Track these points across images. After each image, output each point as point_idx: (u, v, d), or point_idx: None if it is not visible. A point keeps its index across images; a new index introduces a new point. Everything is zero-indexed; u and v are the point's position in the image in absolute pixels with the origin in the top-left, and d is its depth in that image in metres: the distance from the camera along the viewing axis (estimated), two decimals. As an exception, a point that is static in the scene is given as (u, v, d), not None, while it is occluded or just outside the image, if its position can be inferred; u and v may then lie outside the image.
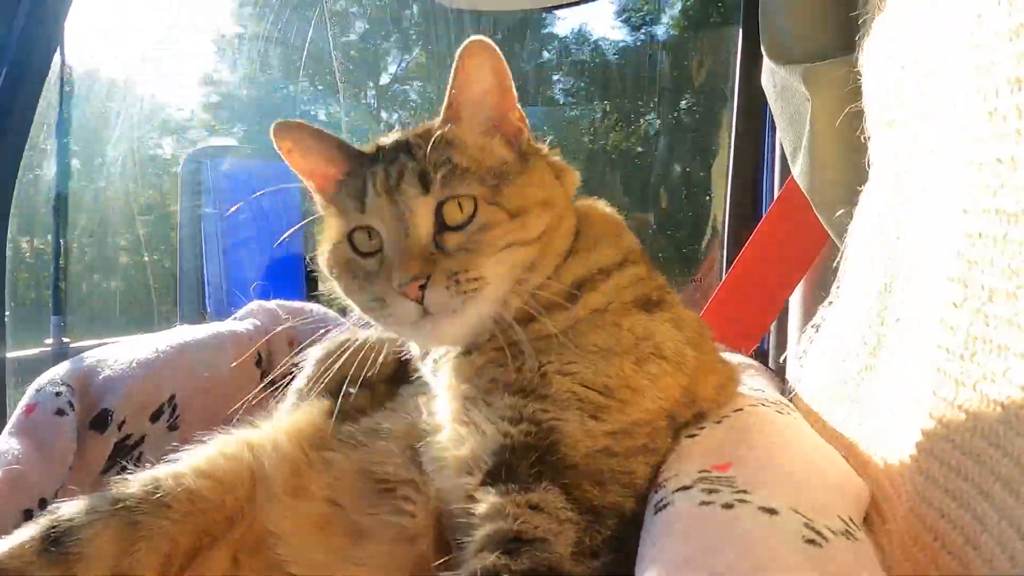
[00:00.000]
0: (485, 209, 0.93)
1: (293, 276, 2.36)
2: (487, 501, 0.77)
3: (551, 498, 0.76)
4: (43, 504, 1.06)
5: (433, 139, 0.95)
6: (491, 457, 0.83)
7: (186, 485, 0.95)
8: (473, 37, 0.94)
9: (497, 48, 0.96)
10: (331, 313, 1.66)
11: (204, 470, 0.98)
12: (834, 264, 1.27)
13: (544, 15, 4.29)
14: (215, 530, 0.96)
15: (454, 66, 0.96)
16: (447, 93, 0.98)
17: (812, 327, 1.29)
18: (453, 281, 0.89)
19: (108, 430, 1.20)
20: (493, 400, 0.89)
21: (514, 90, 1.01)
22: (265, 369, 1.59)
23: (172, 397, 1.32)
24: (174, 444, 1.03)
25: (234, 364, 1.48)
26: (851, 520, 0.68)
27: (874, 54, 1.09)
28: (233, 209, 2.34)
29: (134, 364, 1.28)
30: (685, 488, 0.70)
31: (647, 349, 0.91)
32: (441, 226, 0.93)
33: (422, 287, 0.88)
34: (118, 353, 1.30)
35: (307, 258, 1.14)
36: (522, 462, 0.80)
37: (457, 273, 0.89)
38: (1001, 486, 0.65)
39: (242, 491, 1.00)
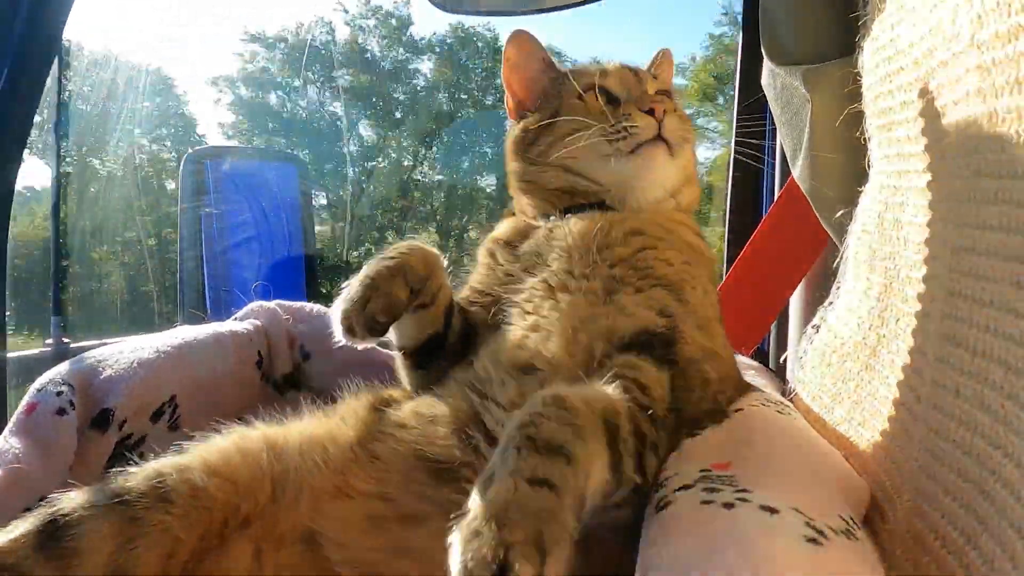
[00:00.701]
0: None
1: (294, 276, 2.36)
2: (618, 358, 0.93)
3: (662, 378, 0.90)
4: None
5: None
6: (631, 336, 0.97)
7: (191, 480, 0.92)
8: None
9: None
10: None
11: (216, 467, 0.95)
12: (834, 264, 1.27)
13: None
14: (225, 531, 0.94)
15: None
16: (653, 58, 1.42)
17: (812, 327, 1.29)
18: (679, 123, 1.19)
19: (109, 430, 1.20)
20: (637, 285, 1.05)
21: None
22: (265, 370, 1.59)
23: (173, 397, 1.32)
24: (175, 444, 1.01)
25: (234, 364, 1.49)
26: (852, 519, 0.68)
27: (874, 55, 1.09)
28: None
29: (135, 364, 1.28)
30: (686, 487, 0.70)
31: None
32: None
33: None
34: (119, 353, 1.29)
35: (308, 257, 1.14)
36: (653, 348, 0.94)
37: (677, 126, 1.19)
38: (1002, 486, 0.65)
39: (262, 496, 0.96)
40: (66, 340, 1.59)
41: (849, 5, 1.18)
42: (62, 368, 1.23)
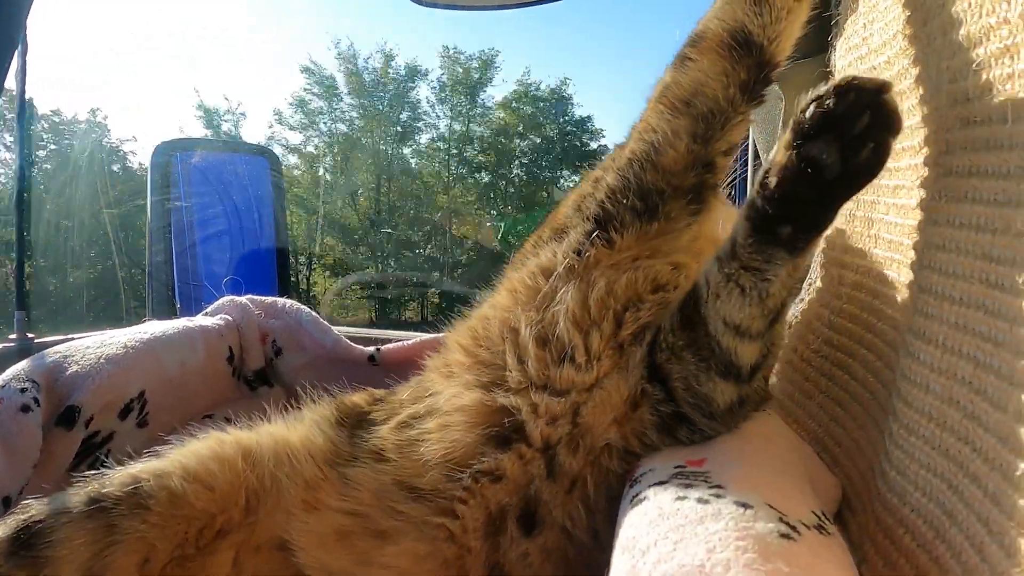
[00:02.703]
0: None
1: (265, 270, 2.33)
2: None
3: None
4: (7, 502, 1.04)
5: None
6: None
7: (170, 487, 0.90)
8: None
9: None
10: (305, 309, 1.65)
11: (195, 473, 0.93)
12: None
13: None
14: (201, 540, 0.92)
15: None
16: None
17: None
18: None
19: (75, 427, 1.18)
20: None
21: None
22: (236, 365, 1.57)
23: (141, 393, 1.30)
24: (151, 449, 0.99)
25: (204, 360, 1.46)
26: (824, 514, 0.68)
27: (846, 55, 1.10)
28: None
29: (102, 359, 1.25)
30: (661, 483, 0.71)
31: None
32: None
33: None
34: (85, 348, 1.27)
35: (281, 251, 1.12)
36: None
37: None
38: (970, 481, 0.66)
39: (238, 505, 0.94)
40: (30, 336, 1.55)
41: (822, 5, 1.19)
42: (26, 364, 1.20)
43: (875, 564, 0.78)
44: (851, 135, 0.68)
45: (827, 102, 0.69)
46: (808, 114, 0.71)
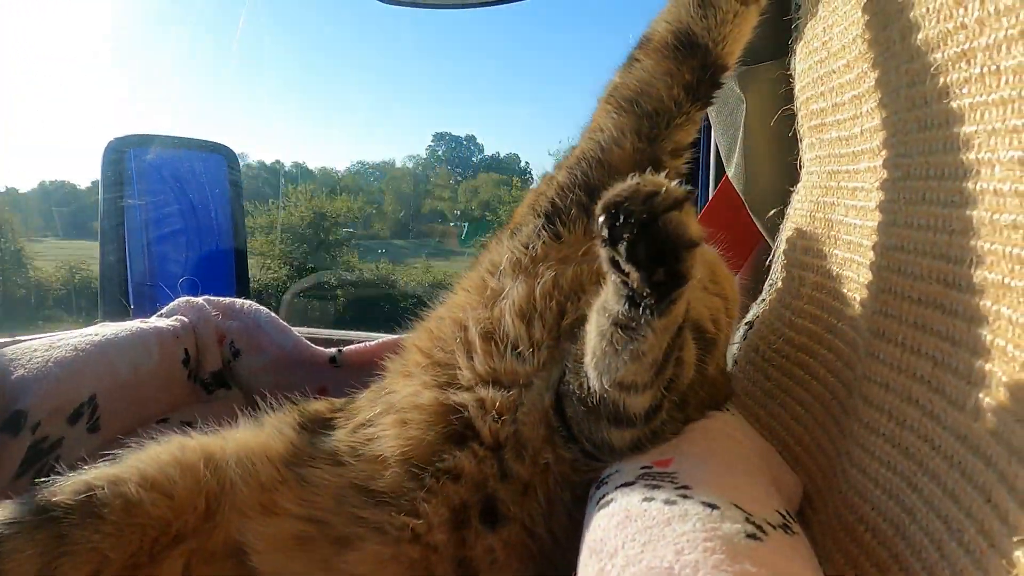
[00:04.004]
0: None
1: (223, 271, 2.28)
2: None
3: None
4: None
5: None
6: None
7: (126, 495, 0.86)
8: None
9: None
10: (263, 310, 1.62)
11: (153, 479, 0.89)
12: (767, 262, 1.30)
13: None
14: (155, 549, 0.88)
15: None
16: None
17: (745, 324, 1.32)
18: None
19: (21, 432, 1.13)
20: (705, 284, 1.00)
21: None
22: (193, 368, 1.53)
23: (92, 397, 1.26)
24: (108, 453, 0.94)
25: (159, 362, 1.42)
26: (788, 513, 0.69)
27: (806, 58, 1.12)
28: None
29: (50, 363, 1.21)
30: (628, 484, 0.70)
31: None
32: None
33: None
34: (32, 351, 1.22)
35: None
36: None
37: None
38: (929, 478, 0.67)
39: (196, 512, 0.91)
40: (-26, 338, 1.49)
41: (782, 8, 1.20)
42: (-31, 368, 1.16)
43: (837, 561, 0.79)
44: (637, 259, 0.63)
45: (601, 220, 0.63)
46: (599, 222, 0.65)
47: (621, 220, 0.61)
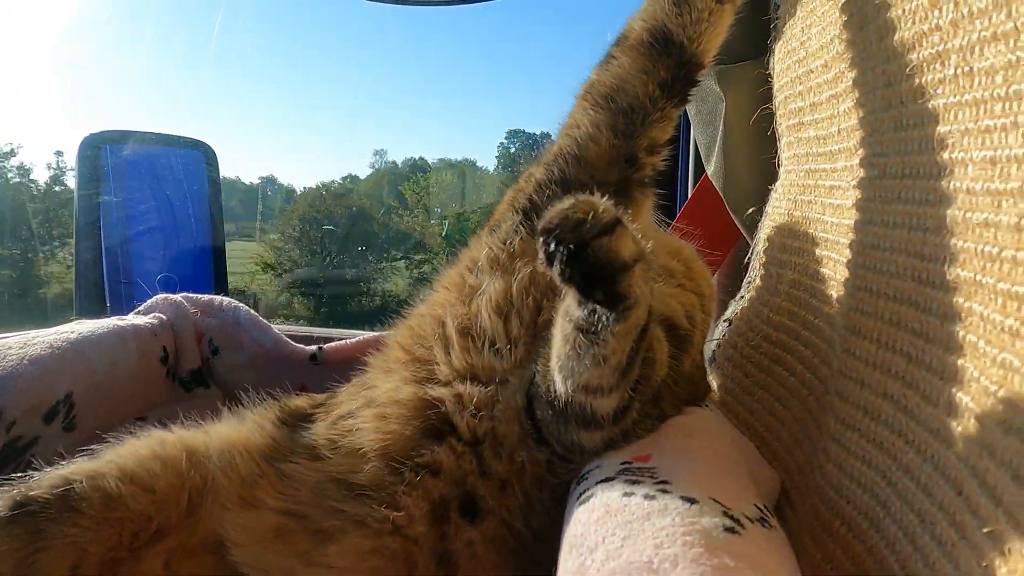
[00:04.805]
0: None
1: (201, 267, 2.26)
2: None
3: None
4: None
5: None
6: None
7: (104, 488, 0.85)
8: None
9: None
10: (243, 307, 1.60)
11: (133, 473, 0.88)
12: (745, 260, 1.31)
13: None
14: (135, 543, 0.87)
15: None
16: None
17: (724, 321, 1.33)
18: None
19: (-5, 431, 1.12)
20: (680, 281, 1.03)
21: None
22: (171, 366, 1.52)
23: (68, 395, 1.24)
24: (85, 448, 0.93)
25: (136, 360, 1.41)
26: (766, 508, 0.70)
27: (785, 58, 1.13)
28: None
29: (25, 360, 1.19)
30: (608, 480, 0.71)
31: None
32: None
33: None
34: (6, 348, 1.20)
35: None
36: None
37: None
38: (903, 472, 0.68)
39: (178, 507, 0.90)
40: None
41: (761, 8, 1.21)
42: (-59, 366, 1.14)
43: (813, 555, 0.80)
44: (574, 282, 0.65)
45: (539, 244, 0.64)
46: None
47: (553, 246, 0.62)
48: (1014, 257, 0.56)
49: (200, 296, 1.61)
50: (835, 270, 0.93)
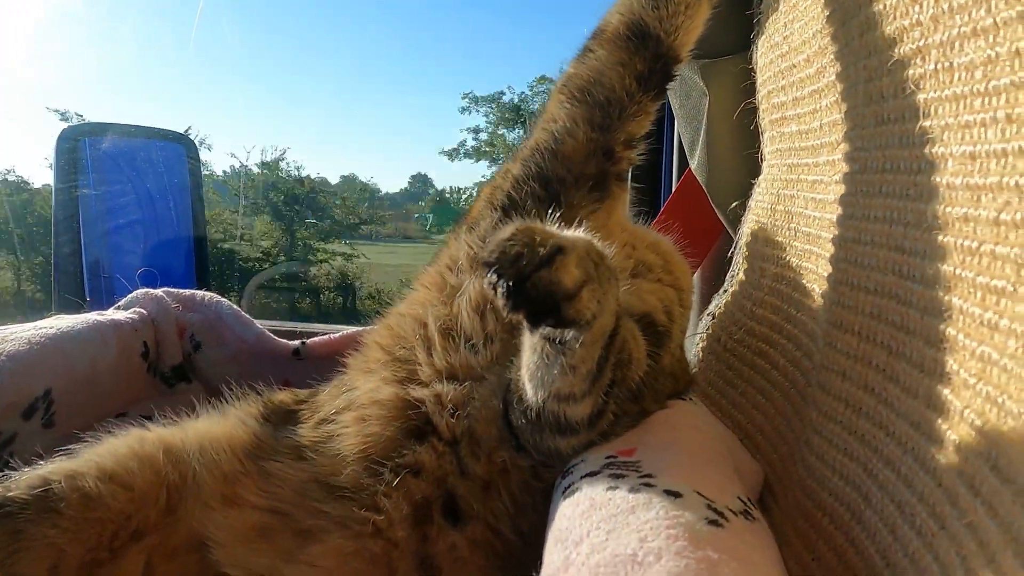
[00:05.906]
0: None
1: (183, 262, 2.23)
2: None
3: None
4: None
5: None
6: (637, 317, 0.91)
7: (83, 489, 0.84)
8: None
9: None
10: (225, 302, 1.59)
11: (112, 472, 0.88)
12: (729, 253, 1.32)
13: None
14: (115, 543, 0.86)
15: None
16: None
17: (708, 315, 1.34)
18: None
19: (-28, 429, 1.10)
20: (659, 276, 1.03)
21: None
22: (152, 361, 1.50)
23: (47, 392, 1.22)
24: (63, 448, 0.92)
25: (117, 356, 1.39)
26: (749, 500, 0.70)
27: (768, 52, 1.13)
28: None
29: (3, 357, 1.17)
30: (592, 473, 0.71)
31: None
32: None
33: None
34: (-16, 345, 1.19)
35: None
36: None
37: None
38: (884, 464, 0.69)
39: (157, 506, 0.89)
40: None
41: (744, 3, 1.22)
42: (-84, 362, 1.12)
43: (796, 546, 0.81)
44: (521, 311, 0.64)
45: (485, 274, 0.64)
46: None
47: (495, 279, 0.62)
48: (993, 251, 0.56)
49: (182, 291, 1.60)
50: (817, 264, 0.94)
